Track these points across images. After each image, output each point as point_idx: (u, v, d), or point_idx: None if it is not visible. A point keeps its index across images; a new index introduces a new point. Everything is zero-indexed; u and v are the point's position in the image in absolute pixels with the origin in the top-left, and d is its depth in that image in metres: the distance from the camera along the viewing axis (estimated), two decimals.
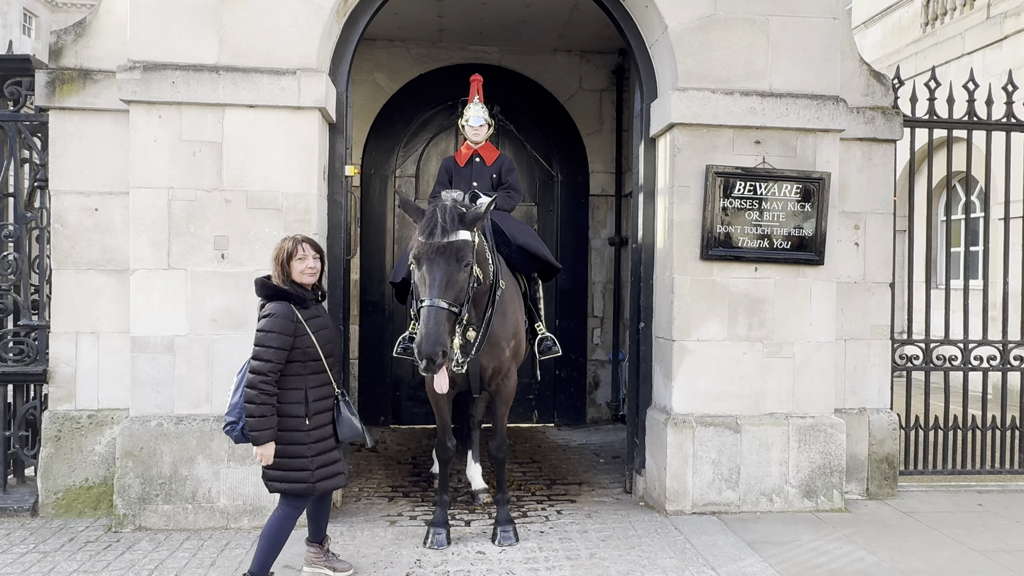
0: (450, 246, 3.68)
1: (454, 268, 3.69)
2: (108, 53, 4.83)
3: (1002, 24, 10.41)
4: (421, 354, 3.53)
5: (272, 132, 4.66)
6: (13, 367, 4.90)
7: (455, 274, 3.69)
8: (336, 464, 3.68)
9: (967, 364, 5.69)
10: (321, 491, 3.64)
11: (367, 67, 7.59)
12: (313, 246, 3.67)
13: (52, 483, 4.80)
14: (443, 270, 3.66)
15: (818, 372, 5.07)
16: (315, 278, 3.66)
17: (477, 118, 5.17)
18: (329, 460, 3.64)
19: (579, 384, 8.04)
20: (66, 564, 4.04)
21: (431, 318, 3.57)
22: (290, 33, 4.68)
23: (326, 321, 3.70)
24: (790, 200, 4.99)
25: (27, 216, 4.97)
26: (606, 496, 5.37)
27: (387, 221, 7.85)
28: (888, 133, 5.39)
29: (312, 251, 3.64)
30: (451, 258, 3.68)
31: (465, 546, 4.34)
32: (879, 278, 5.47)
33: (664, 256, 5.16)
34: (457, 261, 3.69)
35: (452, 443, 4.53)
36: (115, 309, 4.83)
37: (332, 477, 3.65)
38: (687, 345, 4.97)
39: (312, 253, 3.63)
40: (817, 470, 5.01)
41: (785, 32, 5.01)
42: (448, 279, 3.66)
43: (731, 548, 4.34)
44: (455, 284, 3.69)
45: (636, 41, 5.30)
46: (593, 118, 8.06)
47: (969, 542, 4.51)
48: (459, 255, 3.70)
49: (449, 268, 3.68)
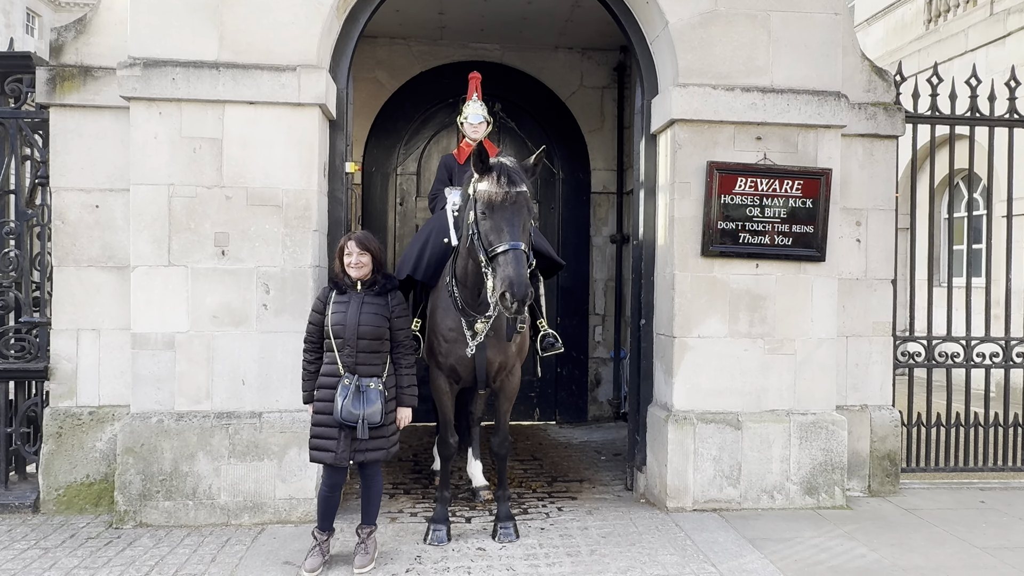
0: (522, 195, 3.80)
1: (526, 216, 3.80)
2: (109, 50, 4.83)
3: (1005, 21, 10.38)
4: (515, 296, 3.51)
5: (272, 129, 4.66)
6: (15, 364, 4.91)
7: (526, 221, 3.81)
8: (327, 441, 3.86)
9: (969, 361, 5.67)
10: (313, 460, 3.93)
11: (368, 64, 7.59)
12: (360, 243, 3.94)
13: (53, 479, 4.81)
14: (520, 216, 3.75)
15: (819, 369, 5.06)
16: (361, 272, 3.94)
17: (476, 115, 5.16)
18: (321, 435, 3.88)
19: (581, 382, 8.03)
20: (67, 560, 4.04)
21: (519, 261, 3.59)
22: (290, 30, 4.68)
23: (351, 308, 3.90)
24: (791, 196, 4.98)
25: (28, 213, 4.97)
26: (607, 493, 5.37)
27: (388, 219, 7.85)
28: (890, 129, 5.38)
29: (357, 248, 3.93)
30: (523, 206, 3.79)
31: (465, 542, 4.34)
32: (881, 275, 5.46)
33: (665, 253, 5.15)
34: (528, 211, 3.82)
35: (454, 439, 4.54)
36: (116, 306, 4.84)
37: (319, 451, 3.89)
38: (688, 342, 4.96)
39: (357, 250, 3.93)
40: (818, 467, 5.00)
41: (786, 28, 4.99)
42: (523, 225, 3.76)
43: (732, 545, 4.33)
44: (527, 231, 3.82)
45: (637, 37, 5.29)
46: (594, 115, 8.05)
47: (971, 539, 4.50)
48: (528, 205, 3.84)
49: (523, 215, 3.77)
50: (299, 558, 4.03)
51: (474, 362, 4.31)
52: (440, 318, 4.37)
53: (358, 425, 3.80)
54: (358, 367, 3.88)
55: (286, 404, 4.69)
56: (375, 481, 4.07)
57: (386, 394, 3.91)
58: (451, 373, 4.41)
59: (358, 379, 3.84)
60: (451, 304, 4.31)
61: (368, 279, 3.97)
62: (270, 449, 4.62)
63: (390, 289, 4.04)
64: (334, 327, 3.89)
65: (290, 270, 4.67)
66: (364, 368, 3.88)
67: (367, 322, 3.89)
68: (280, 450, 4.64)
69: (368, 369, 3.89)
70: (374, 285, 3.98)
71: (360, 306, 3.92)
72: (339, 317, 3.91)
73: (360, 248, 3.94)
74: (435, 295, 4.53)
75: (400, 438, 4.13)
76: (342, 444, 3.85)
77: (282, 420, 4.66)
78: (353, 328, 3.87)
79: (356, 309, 3.91)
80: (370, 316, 3.90)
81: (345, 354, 3.88)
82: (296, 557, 4.04)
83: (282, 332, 4.67)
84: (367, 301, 3.94)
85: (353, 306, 3.92)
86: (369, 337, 3.88)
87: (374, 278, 3.99)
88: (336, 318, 3.90)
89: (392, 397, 3.98)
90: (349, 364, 3.88)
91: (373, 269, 3.98)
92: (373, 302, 3.95)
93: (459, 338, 4.29)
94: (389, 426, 3.96)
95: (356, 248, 3.94)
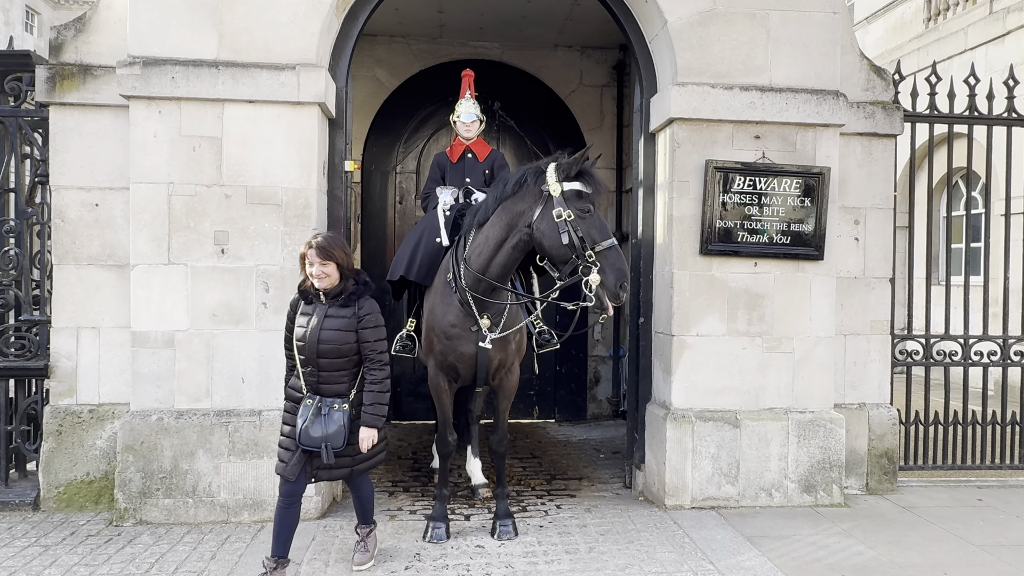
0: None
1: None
2: (108, 49, 4.84)
3: (1005, 19, 10.38)
4: (627, 287, 3.86)
5: (272, 127, 4.67)
6: (15, 362, 4.92)
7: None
8: (284, 452, 3.68)
9: (967, 359, 5.68)
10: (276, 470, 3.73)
11: (367, 63, 7.59)
12: (321, 251, 3.61)
13: (53, 477, 4.82)
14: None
15: (817, 367, 5.07)
16: (324, 283, 3.63)
17: (469, 114, 5.17)
18: (281, 444, 3.72)
19: (580, 380, 8.04)
20: (67, 558, 4.06)
21: (622, 255, 3.94)
22: (289, 28, 4.69)
23: (313, 323, 3.62)
24: (790, 195, 4.99)
25: (28, 211, 4.98)
26: (606, 491, 5.38)
27: (387, 217, 7.85)
28: (888, 128, 5.38)
29: (319, 257, 3.60)
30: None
31: (464, 540, 4.35)
32: (879, 273, 5.47)
33: (663, 251, 5.16)
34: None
35: (453, 437, 4.55)
36: (116, 304, 4.85)
37: (278, 460, 3.71)
38: (686, 340, 4.97)
39: (318, 260, 3.60)
40: (816, 465, 5.02)
41: (785, 26, 5.00)
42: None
43: (730, 542, 4.34)
44: None
45: (636, 36, 5.29)
46: (594, 114, 8.05)
47: (968, 536, 4.52)
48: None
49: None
50: (298, 555, 4.04)
51: (475, 359, 4.32)
52: (440, 316, 4.38)
53: (321, 451, 3.57)
54: (321, 386, 3.63)
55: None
56: (362, 487, 3.95)
57: (352, 413, 3.65)
58: (451, 371, 4.41)
59: (319, 400, 3.59)
60: (454, 301, 4.32)
61: (334, 289, 3.66)
62: (270, 447, 4.62)
63: (360, 296, 3.70)
64: (297, 343, 3.64)
65: (290, 268, 4.68)
66: (328, 388, 3.64)
67: (329, 339, 3.59)
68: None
69: (333, 388, 3.64)
70: (340, 295, 3.65)
71: (322, 320, 3.61)
72: (301, 332, 3.63)
73: (321, 257, 3.60)
74: (432, 294, 4.53)
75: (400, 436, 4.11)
76: (295, 459, 3.61)
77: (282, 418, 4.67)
78: (313, 346, 3.59)
79: (318, 324, 3.61)
80: (333, 333, 3.60)
81: (308, 372, 3.63)
82: (295, 555, 4.04)
83: (281, 330, 4.64)
84: (330, 315, 3.63)
85: (315, 320, 3.62)
86: (332, 356, 3.60)
87: (342, 287, 3.67)
88: (299, 333, 3.64)
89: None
90: (312, 384, 3.63)
91: (341, 277, 3.66)
92: (337, 315, 3.63)
93: (461, 335, 4.31)
94: (355, 445, 3.71)
95: (317, 258, 3.60)
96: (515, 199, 4.10)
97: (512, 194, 4.12)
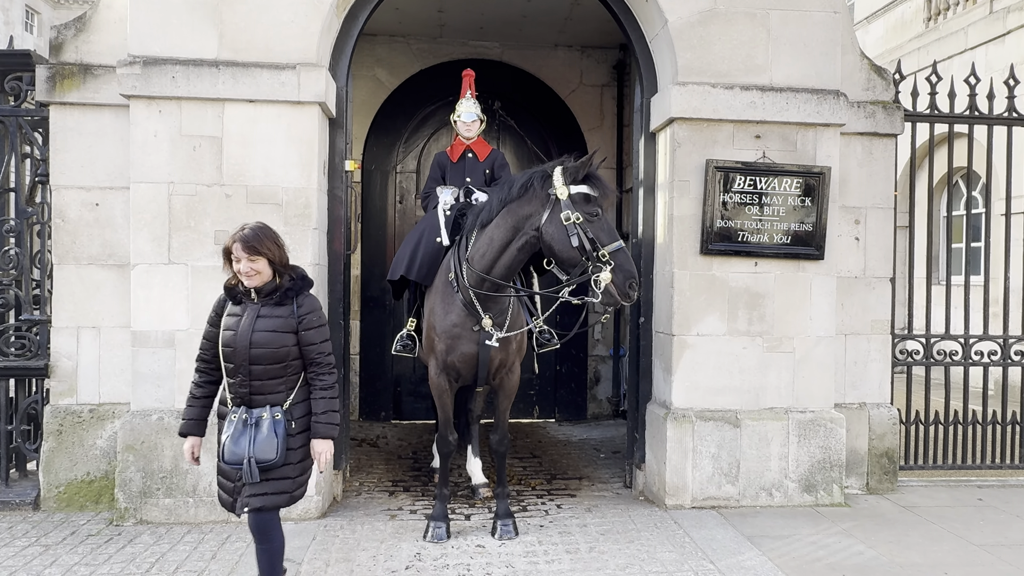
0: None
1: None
2: (108, 48, 4.84)
3: (1005, 19, 10.38)
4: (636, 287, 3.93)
5: (272, 127, 4.67)
6: (15, 361, 4.92)
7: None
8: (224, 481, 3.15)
9: (968, 359, 5.68)
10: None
11: (368, 62, 7.59)
12: (247, 246, 3.08)
13: (54, 477, 4.82)
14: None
15: (818, 366, 5.07)
16: (254, 281, 3.11)
17: (469, 114, 5.18)
18: (220, 471, 3.18)
19: (580, 380, 8.04)
20: (68, 557, 4.06)
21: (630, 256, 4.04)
22: (290, 28, 4.69)
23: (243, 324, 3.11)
24: (790, 195, 4.98)
25: (28, 211, 4.98)
26: (606, 491, 5.38)
27: (388, 216, 7.85)
28: (889, 128, 5.38)
29: (245, 253, 3.08)
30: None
31: (465, 540, 4.35)
32: (879, 273, 5.47)
33: (664, 251, 5.16)
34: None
35: (453, 437, 4.55)
36: (116, 303, 4.85)
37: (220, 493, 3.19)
38: (687, 340, 4.97)
39: (245, 255, 3.08)
40: (817, 465, 5.02)
41: (785, 26, 5.00)
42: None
43: (730, 542, 4.34)
44: None
45: (636, 36, 5.29)
46: (594, 113, 8.05)
47: (968, 536, 4.52)
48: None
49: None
50: (299, 555, 4.04)
51: (476, 359, 4.33)
52: (441, 315, 4.38)
53: (243, 467, 3.01)
54: (253, 397, 3.09)
55: None
56: (273, 535, 3.17)
57: (293, 425, 3.10)
58: (452, 370, 4.42)
59: (245, 411, 3.08)
60: (456, 301, 4.33)
61: (267, 287, 3.15)
62: None
63: (298, 293, 3.20)
64: (223, 348, 3.13)
65: None
66: (261, 398, 3.09)
67: (261, 341, 3.08)
68: None
69: (266, 399, 3.10)
70: (274, 293, 3.15)
71: (253, 321, 3.11)
72: (229, 336, 3.12)
73: (248, 253, 3.07)
74: (433, 293, 4.54)
75: (400, 435, 4.05)
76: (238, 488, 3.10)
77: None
78: (244, 349, 3.07)
79: (248, 325, 3.10)
80: (266, 334, 3.09)
81: (237, 382, 3.10)
82: (296, 554, 4.05)
83: None
84: (263, 315, 3.12)
85: (245, 321, 3.11)
86: (266, 361, 3.08)
87: (275, 284, 3.16)
88: (226, 336, 3.13)
89: (305, 428, 3.16)
90: (242, 394, 3.10)
91: (274, 273, 3.16)
92: (272, 315, 3.13)
93: (463, 334, 4.32)
94: (296, 464, 3.13)
95: (244, 253, 3.07)
96: (521, 202, 4.12)
97: (518, 197, 4.13)
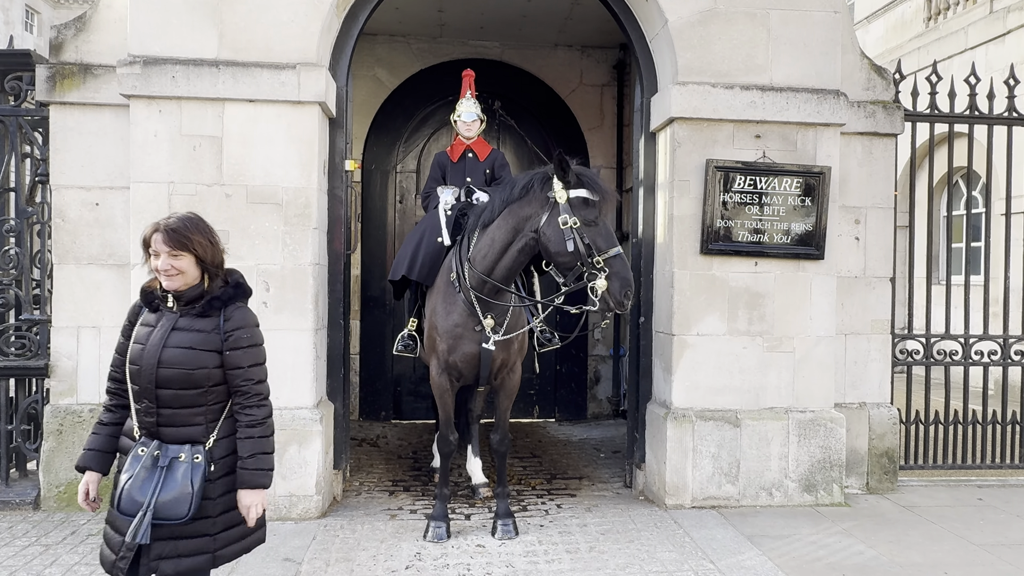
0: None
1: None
2: (108, 48, 4.84)
3: (1005, 19, 10.38)
4: (631, 295, 3.89)
5: (272, 126, 4.67)
6: (15, 361, 4.92)
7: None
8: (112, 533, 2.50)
9: (968, 359, 5.68)
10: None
11: (368, 62, 7.59)
12: (171, 238, 2.46)
13: (54, 476, 4.82)
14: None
15: (818, 366, 5.07)
16: (176, 282, 2.49)
17: (470, 113, 5.19)
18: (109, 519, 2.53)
19: (580, 379, 8.04)
20: (68, 557, 4.06)
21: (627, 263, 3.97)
22: (290, 28, 4.69)
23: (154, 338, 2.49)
24: (790, 194, 4.98)
25: (28, 211, 4.98)
26: (606, 490, 5.38)
27: (388, 216, 7.85)
28: (889, 127, 5.38)
29: (167, 246, 2.46)
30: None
31: (465, 539, 4.35)
32: (880, 272, 5.47)
33: (664, 251, 5.16)
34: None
35: (454, 436, 4.55)
36: (116, 303, 4.84)
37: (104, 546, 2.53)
38: (687, 339, 4.97)
39: (167, 248, 2.46)
40: (817, 464, 5.02)
41: (786, 26, 5.00)
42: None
43: (730, 541, 4.34)
44: None
45: (636, 35, 5.29)
46: (594, 113, 8.05)
47: (968, 536, 4.52)
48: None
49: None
50: (299, 555, 4.04)
51: (478, 359, 4.33)
52: (443, 316, 4.39)
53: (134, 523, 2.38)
54: (162, 429, 2.48)
55: (286, 401, 4.69)
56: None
57: (213, 468, 2.49)
58: (453, 370, 4.42)
59: (158, 447, 2.46)
60: (457, 301, 4.33)
61: (190, 292, 2.51)
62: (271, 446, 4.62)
63: (227, 303, 2.56)
64: (130, 366, 2.50)
65: (290, 268, 4.68)
66: (172, 431, 2.48)
67: (173, 360, 2.46)
68: (280, 447, 4.64)
69: (179, 433, 2.48)
70: (197, 301, 2.52)
71: (166, 335, 2.49)
72: (136, 351, 2.50)
73: (171, 245, 2.45)
74: (434, 293, 4.54)
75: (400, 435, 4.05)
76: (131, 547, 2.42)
77: (282, 417, 4.66)
78: (150, 369, 2.45)
79: (159, 340, 2.48)
80: (179, 352, 2.47)
81: (143, 408, 2.49)
82: (296, 554, 4.05)
83: (282, 330, 4.68)
84: (180, 327, 2.50)
85: (157, 334, 2.49)
86: (177, 385, 2.46)
87: (200, 289, 2.53)
88: (133, 351, 2.50)
89: (228, 471, 2.53)
90: (148, 424, 2.48)
91: (202, 276, 2.54)
92: (190, 328, 2.50)
93: (465, 334, 4.32)
94: (216, 518, 2.51)
95: (165, 246, 2.45)
96: (522, 203, 4.11)
97: (519, 198, 4.13)
